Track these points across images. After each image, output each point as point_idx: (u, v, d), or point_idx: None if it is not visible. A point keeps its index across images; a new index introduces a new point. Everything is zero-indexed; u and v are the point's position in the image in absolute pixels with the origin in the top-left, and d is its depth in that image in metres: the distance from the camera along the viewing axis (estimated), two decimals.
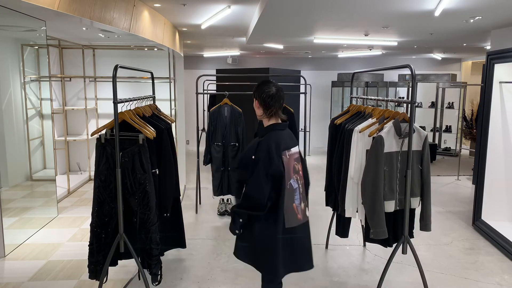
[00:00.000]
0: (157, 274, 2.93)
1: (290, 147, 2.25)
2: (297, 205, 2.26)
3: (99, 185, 2.80)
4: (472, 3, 3.76)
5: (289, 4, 3.83)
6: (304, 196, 2.34)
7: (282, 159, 2.17)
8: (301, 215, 2.29)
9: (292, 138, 2.32)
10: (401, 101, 3.32)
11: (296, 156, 2.31)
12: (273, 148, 2.16)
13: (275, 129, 2.27)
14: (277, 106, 2.29)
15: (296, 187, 2.27)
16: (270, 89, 2.32)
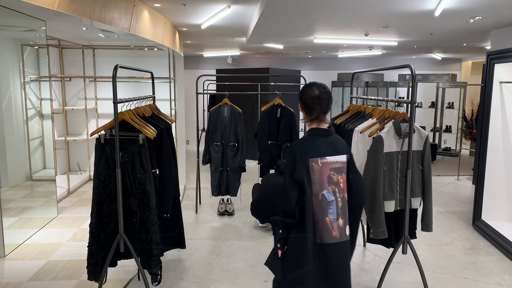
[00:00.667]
0: (157, 274, 2.93)
1: (326, 155, 2.08)
2: (331, 220, 2.06)
3: (99, 186, 2.80)
4: (472, 3, 3.76)
5: (289, 4, 3.83)
6: (345, 212, 2.11)
7: (309, 166, 2.04)
8: (338, 233, 2.06)
9: (334, 146, 2.12)
10: (401, 101, 3.32)
11: (337, 166, 2.09)
12: (298, 152, 2.07)
13: (311, 133, 2.15)
14: (319, 110, 2.12)
15: (332, 200, 2.06)
16: (313, 91, 2.15)
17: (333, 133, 2.18)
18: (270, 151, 4.99)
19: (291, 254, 2.07)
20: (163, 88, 6.27)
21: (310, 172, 2.04)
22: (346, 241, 2.12)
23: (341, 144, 2.18)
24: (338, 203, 2.08)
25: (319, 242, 2.05)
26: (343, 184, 2.11)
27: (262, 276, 3.41)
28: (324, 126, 2.16)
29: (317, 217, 2.05)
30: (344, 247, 2.11)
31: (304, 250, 2.02)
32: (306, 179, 2.02)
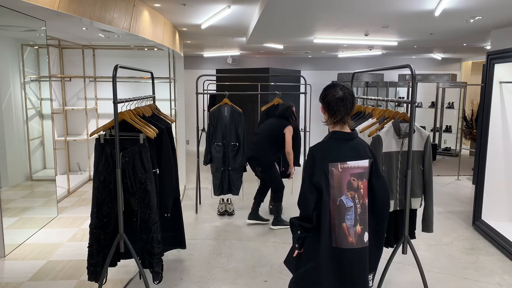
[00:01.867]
0: (159, 273, 2.94)
1: (346, 160, 2.01)
2: (348, 226, 2.01)
3: (99, 186, 2.80)
4: (472, 3, 3.76)
5: (289, 4, 3.83)
6: (364, 219, 2.04)
7: (328, 171, 1.99)
8: (354, 239, 2.01)
9: (357, 150, 2.05)
10: (401, 101, 3.32)
11: (358, 172, 2.03)
12: (318, 156, 2.02)
13: (332, 137, 2.07)
14: (344, 111, 2.03)
15: (351, 205, 2.01)
16: (337, 91, 2.04)
17: (356, 136, 2.11)
18: None
19: (306, 256, 2.06)
20: (163, 88, 6.27)
21: (329, 177, 1.99)
22: (364, 248, 2.05)
23: (364, 148, 2.09)
24: (357, 209, 2.03)
25: (334, 246, 2.01)
26: (364, 190, 2.05)
27: (262, 276, 3.41)
28: (347, 129, 2.09)
29: (334, 221, 2.01)
30: (362, 253, 2.05)
31: (318, 253, 2.00)
32: (324, 184, 1.98)
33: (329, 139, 2.08)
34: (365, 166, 2.06)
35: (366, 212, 2.06)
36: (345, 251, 2.01)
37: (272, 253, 3.90)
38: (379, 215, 2.11)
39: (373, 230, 2.10)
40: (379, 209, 2.10)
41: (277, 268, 3.56)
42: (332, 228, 2.00)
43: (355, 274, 2.03)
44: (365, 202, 2.05)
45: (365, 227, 2.05)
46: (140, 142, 2.77)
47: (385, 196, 2.11)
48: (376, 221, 2.11)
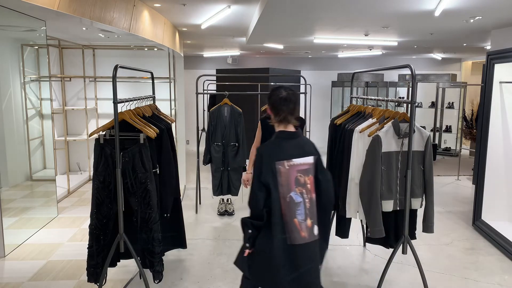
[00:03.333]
0: (160, 272, 2.95)
1: (292, 158, 2.12)
2: (300, 221, 2.11)
3: (98, 186, 2.80)
4: (472, 3, 3.76)
5: (289, 4, 3.83)
6: (313, 213, 2.16)
7: (276, 169, 2.09)
8: (306, 233, 2.12)
9: (302, 148, 2.17)
10: (401, 101, 3.32)
11: (304, 168, 2.14)
12: (265, 155, 2.13)
13: (278, 137, 2.19)
14: (287, 111, 2.16)
15: (300, 201, 2.12)
16: (281, 92, 2.19)
17: (299, 135, 2.22)
18: None
19: (261, 254, 2.11)
20: (163, 88, 6.27)
21: (277, 175, 2.08)
22: (315, 241, 2.17)
23: (309, 146, 2.22)
24: (306, 204, 2.13)
25: (289, 243, 2.09)
26: (311, 185, 2.16)
27: None
28: (291, 128, 2.20)
29: (286, 218, 2.09)
30: (313, 246, 2.16)
31: (273, 251, 2.06)
32: (272, 182, 2.07)
33: (275, 138, 2.19)
34: (310, 162, 2.17)
35: (315, 206, 2.18)
36: (299, 247, 2.10)
37: None
38: (325, 208, 2.22)
39: (320, 222, 2.20)
40: (325, 203, 2.21)
41: None
42: (285, 224, 2.09)
43: (309, 268, 2.13)
44: (313, 197, 2.17)
45: (314, 220, 2.17)
46: (141, 142, 2.78)
47: (329, 190, 2.22)
48: (323, 214, 2.21)
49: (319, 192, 2.19)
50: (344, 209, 3.20)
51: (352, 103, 3.78)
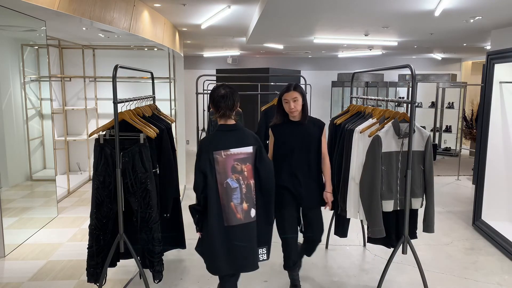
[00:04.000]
0: (160, 272, 2.95)
1: (230, 148, 2.35)
2: (236, 204, 2.36)
3: (98, 186, 2.80)
4: (472, 3, 3.76)
5: (289, 4, 3.83)
6: (249, 197, 2.39)
7: (213, 159, 2.32)
8: (242, 215, 2.37)
9: (240, 139, 2.40)
10: (401, 101, 3.32)
11: (241, 157, 2.38)
12: (204, 146, 2.37)
13: (218, 129, 2.43)
14: (225, 107, 2.38)
15: (236, 186, 2.36)
16: (219, 91, 2.43)
17: (238, 128, 2.43)
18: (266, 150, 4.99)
19: (205, 236, 2.39)
20: (163, 88, 6.27)
21: (214, 163, 2.32)
22: (252, 222, 2.41)
23: (248, 137, 2.44)
24: (243, 189, 2.38)
25: (226, 225, 2.34)
26: (248, 173, 2.40)
27: (262, 276, 3.41)
28: (231, 122, 2.43)
29: (223, 202, 2.34)
30: (249, 227, 2.40)
31: (211, 232, 2.33)
32: (208, 170, 2.31)
33: (216, 131, 2.45)
34: (249, 152, 2.40)
35: (252, 191, 2.41)
36: (235, 228, 2.35)
37: (272, 253, 3.89)
38: (265, 193, 2.46)
39: (261, 206, 2.45)
40: (265, 188, 2.45)
41: (277, 268, 3.56)
42: (222, 208, 2.33)
43: (245, 247, 2.38)
44: (250, 183, 2.40)
45: (251, 204, 2.41)
46: (141, 142, 2.78)
47: (269, 177, 2.46)
48: (264, 198, 2.46)
49: (258, 178, 2.43)
50: (344, 209, 3.20)
51: (352, 103, 3.78)
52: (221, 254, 2.33)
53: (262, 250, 2.50)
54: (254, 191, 2.42)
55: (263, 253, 2.51)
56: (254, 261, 2.43)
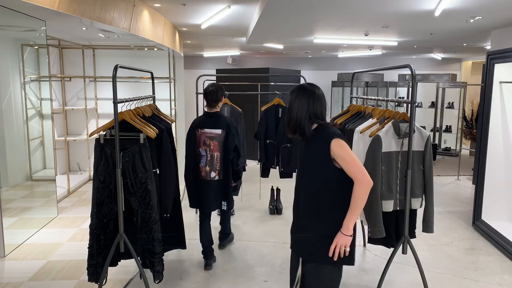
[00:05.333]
0: (160, 272, 2.95)
1: (205, 128, 3.37)
2: (202, 166, 3.40)
3: (99, 186, 2.80)
4: (472, 3, 3.76)
5: (289, 4, 3.83)
6: (212, 163, 3.38)
7: (194, 134, 3.38)
8: (204, 174, 3.40)
9: (214, 123, 3.36)
10: (401, 101, 3.32)
11: (210, 135, 3.36)
12: (191, 124, 3.44)
13: (203, 114, 3.47)
14: (211, 99, 3.39)
15: (204, 154, 3.38)
16: (208, 88, 3.42)
17: (216, 115, 3.40)
18: (266, 150, 5.00)
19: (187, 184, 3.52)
20: (163, 88, 6.27)
21: (195, 137, 3.39)
22: (211, 181, 3.40)
23: (220, 123, 3.36)
24: (208, 157, 3.38)
25: (199, 179, 3.42)
26: (213, 147, 3.36)
27: (262, 276, 3.41)
28: (213, 110, 3.42)
29: (197, 162, 3.41)
30: (209, 183, 3.40)
31: (189, 182, 3.47)
32: (190, 141, 3.41)
33: (201, 115, 3.48)
34: (217, 133, 3.36)
35: (214, 160, 3.38)
36: (201, 181, 3.41)
37: (272, 253, 3.90)
38: (226, 164, 3.39)
39: (222, 172, 3.40)
40: (225, 160, 3.38)
41: (277, 268, 3.56)
42: (196, 167, 3.41)
43: (207, 196, 3.41)
44: (214, 154, 3.37)
45: (212, 168, 3.39)
46: (141, 142, 2.78)
47: (228, 152, 3.36)
48: (224, 166, 3.39)
49: (223, 152, 3.37)
50: None
51: (352, 103, 3.78)
52: (193, 196, 3.46)
53: (224, 202, 3.46)
54: (218, 161, 3.37)
55: (224, 205, 3.46)
56: (210, 206, 3.45)
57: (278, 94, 5.04)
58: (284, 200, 5.36)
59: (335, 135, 2.02)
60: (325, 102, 2.12)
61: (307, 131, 2.05)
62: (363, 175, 1.95)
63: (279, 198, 5.16)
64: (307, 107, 2.04)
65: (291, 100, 2.09)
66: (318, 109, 2.06)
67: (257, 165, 5.17)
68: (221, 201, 3.44)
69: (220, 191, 3.41)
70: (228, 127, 3.33)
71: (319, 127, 2.08)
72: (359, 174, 1.95)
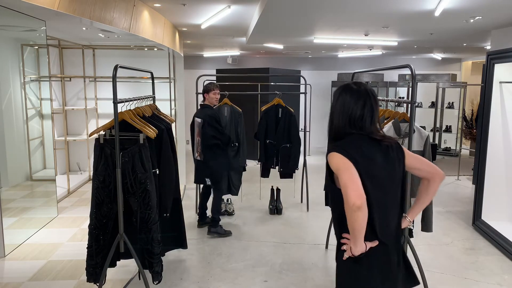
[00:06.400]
0: (159, 273, 2.94)
1: (196, 117, 4.19)
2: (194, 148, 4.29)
3: (98, 186, 2.80)
4: (472, 3, 3.76)
5: (289, 4, 3.83)
6: (197, 146, 4.19)
7: (195, 121, 4.19)
8: (194, 154, 4.29)
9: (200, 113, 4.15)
10: (401, 101, 3.32)
11: (197, 123, 4.16)
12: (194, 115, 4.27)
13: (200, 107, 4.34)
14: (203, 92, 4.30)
15: (198, 140, 4.18)
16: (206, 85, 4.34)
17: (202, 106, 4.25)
18: (266, 150, 5.00)
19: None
20: (163, 88, 6.27)
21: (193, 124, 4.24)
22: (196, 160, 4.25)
23: (203, 113, 4.10)
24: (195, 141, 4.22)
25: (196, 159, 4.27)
26: (197, 132, 4.16)
27: (262, 276, 3.41)
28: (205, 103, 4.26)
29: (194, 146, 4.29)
30: (196, 162, 4.27)
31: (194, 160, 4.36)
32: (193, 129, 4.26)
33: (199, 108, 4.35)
34: (198, 121, 4.12)
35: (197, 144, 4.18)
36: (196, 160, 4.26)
37: (272, 253, 3.90)
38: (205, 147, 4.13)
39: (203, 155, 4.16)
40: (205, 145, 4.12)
41: (277, 268, 3.56)
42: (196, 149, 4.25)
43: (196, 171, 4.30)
44: (197, 139, 4.17)
45: (195, 150, 4.23)
46: (140, 142, 2.78)
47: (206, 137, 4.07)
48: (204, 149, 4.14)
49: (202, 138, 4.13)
50: None
51: None
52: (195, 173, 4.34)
53: (206, 179, 4.23)
54: (199, 144, 4.14)
55: (207, 180, 4.23)
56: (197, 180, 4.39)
57: (278, 94, 5.04)
58: (284, 200, 5.36)
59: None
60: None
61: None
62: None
63: (279, 198, 5.16)
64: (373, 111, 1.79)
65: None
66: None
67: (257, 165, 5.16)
68: (204, 178, 4.23)
69: (202, 170, 4.20)
70: (204, 117, 4.05)
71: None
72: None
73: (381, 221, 1.70)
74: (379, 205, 1.70)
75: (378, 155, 1.73)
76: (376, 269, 1.72)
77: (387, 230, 1.74)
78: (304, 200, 5.38)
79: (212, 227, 4.33)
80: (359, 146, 1.71)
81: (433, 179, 1.83)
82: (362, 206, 1.56)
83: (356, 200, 1.56)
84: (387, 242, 1.74)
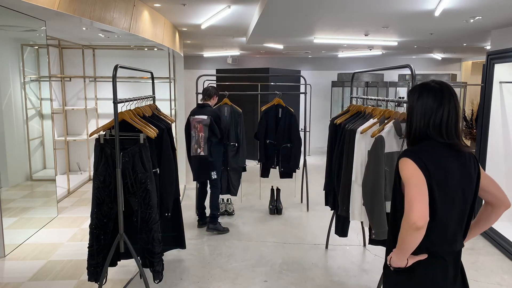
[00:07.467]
0: (160, 272, 2.95)
1: (195, 115, 4.28)
2: (192, 145, 4.30)
3: (99, 186, 2.80)
4: (472, 3, 3.76)
5: (289, 4, 3.83)
6: (199, 143, 4.24)
7: (190, 119, 4.31)
8: (194, 151, 4.29)
9: (201, 111, 4.28)
10: (401, 101, 3.32)
11: (198, 120, 4.24)
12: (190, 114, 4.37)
13: (196, 105, 4.44)
14: (206, 94, 4.41)
15: (194, 136, 4.27)
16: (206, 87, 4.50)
17: (203, 106, 4.32)
18: (266, 150, 5.00)
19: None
20: (163, 88, 6.27)
21: (191, 122, 4.30)
22: (199, 156, 4.27)
23: (206, 111, 4.25)
24: (195, 137, 4.26)
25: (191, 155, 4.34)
26: (199, 129, 4.22)
27: (262, 276, 3.41)
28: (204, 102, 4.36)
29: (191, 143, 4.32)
30: (197, 158, 4.29)
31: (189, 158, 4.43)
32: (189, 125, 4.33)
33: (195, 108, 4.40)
34: (203, 118, 4.22)
35: (200, 140, 4.23)
36: (193, 157, 4.31)
37: (272, 253, 3.90)
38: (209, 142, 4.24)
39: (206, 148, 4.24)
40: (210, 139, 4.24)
41: (277, 268, 3.56)
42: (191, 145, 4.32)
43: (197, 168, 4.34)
44: (201, 135, 4.23)
45: (198, 146, 4.26)
46: (141, 142, 2.78)
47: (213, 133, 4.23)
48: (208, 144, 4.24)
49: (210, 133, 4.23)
50: (343, 209, 3.19)
51: (352, 103, 3.78)
52: (192, 169, 4.38)
53: (212, 173, 4.28)
54: (203, 140, 4.21)
55: (213, 174, 4.29)
56: (199, 177, 4.42)
57: (278, 94, 5.04)
58: (284, 200, 5.36)
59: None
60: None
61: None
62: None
63: (279, 198, 5.16)
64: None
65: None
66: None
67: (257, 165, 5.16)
68: (210, 172, 4.29)
69: (207, 164, 4.27)
70: (212, 114, 4.26)
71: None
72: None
73: (443, 236, 1.62)
74: (445, 219, 1.61)
75: (454, 166, 1.61)
76: (430, 284, 1.63)
77: (448, 245, 1.66)
78: (304, 200, 5.38)
79: (211, 224, 4.36)
80: (436, 154, 1.59)
81: (498, 206, 1.73)
82: (422, 228, 1.48)
83: (418, 221, 1.47)
84: (446, 257, 1.65)
